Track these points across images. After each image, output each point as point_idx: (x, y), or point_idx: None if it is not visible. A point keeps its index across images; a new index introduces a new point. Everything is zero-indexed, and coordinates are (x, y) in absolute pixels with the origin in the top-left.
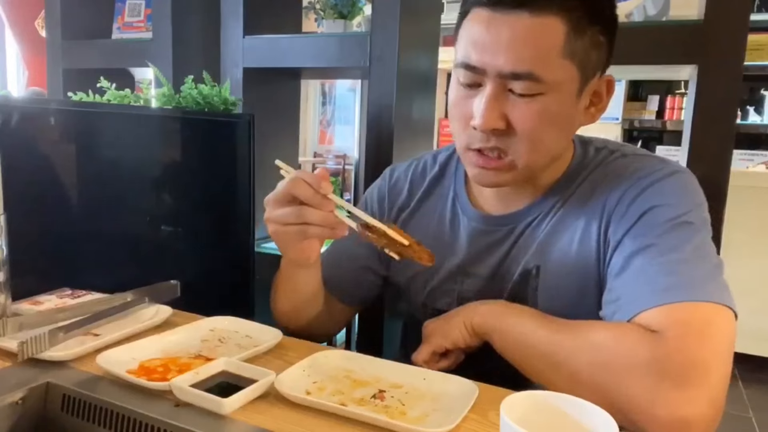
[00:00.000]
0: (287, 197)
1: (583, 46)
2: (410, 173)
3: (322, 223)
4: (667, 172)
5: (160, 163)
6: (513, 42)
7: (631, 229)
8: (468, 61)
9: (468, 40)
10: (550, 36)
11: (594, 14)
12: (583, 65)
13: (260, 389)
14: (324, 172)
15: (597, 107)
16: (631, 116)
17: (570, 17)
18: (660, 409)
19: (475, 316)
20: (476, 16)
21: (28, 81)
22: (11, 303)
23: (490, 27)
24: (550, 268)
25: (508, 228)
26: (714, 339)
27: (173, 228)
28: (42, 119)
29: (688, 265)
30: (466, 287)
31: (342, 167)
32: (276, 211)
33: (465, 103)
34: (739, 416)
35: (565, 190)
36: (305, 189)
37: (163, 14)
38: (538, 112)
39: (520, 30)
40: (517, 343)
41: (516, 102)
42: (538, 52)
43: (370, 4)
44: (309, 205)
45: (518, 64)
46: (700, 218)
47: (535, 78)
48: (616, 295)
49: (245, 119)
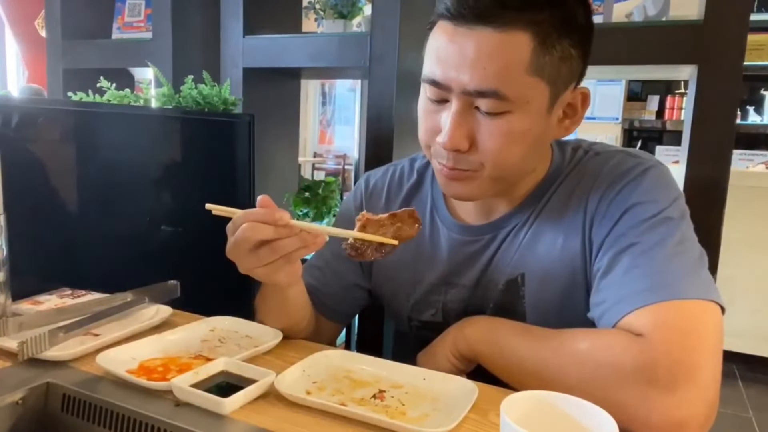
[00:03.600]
0: (252, 243)
1: (553, 60)
2: (387, 181)
3: (302, 245)
4: (642, 168)
5: (160, 163)
6: (477, 59)
7: (613, 229)
8: (433, 77)
9: (433, 54)
10: (516, 52)
11: (564, 26)
12: (552, 80)
13: (260, 389)
14: (266, 201)
15: (572, 119)
16: (631, 116)
17: (537, 31)
18: (654, 415)
19: (461, 342)
20: (441, 29)
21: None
22: (11, 303)
23: (454, 42)
24: (536, 274)
25: (488, 237)
26: (701, 337)
27: (173, 228)
28: (42, 119)
29: (671, 263)
30: (450, 297)
31: (342, 167)
32: (248, 258)
33: (432, 117)
34: (739, 416)
35: (544, 196)
36: (265, 230)
37: (163, 14)
38: (505, 130)
39: (484, 46)
40: (505, 365)
41: (482, 120)
42: (503, 70)
43: (370, 4)
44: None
45: (482, 82)
46: (679, 211)
47: (501, 96)
48: (601, 297)
49: (245, 119)
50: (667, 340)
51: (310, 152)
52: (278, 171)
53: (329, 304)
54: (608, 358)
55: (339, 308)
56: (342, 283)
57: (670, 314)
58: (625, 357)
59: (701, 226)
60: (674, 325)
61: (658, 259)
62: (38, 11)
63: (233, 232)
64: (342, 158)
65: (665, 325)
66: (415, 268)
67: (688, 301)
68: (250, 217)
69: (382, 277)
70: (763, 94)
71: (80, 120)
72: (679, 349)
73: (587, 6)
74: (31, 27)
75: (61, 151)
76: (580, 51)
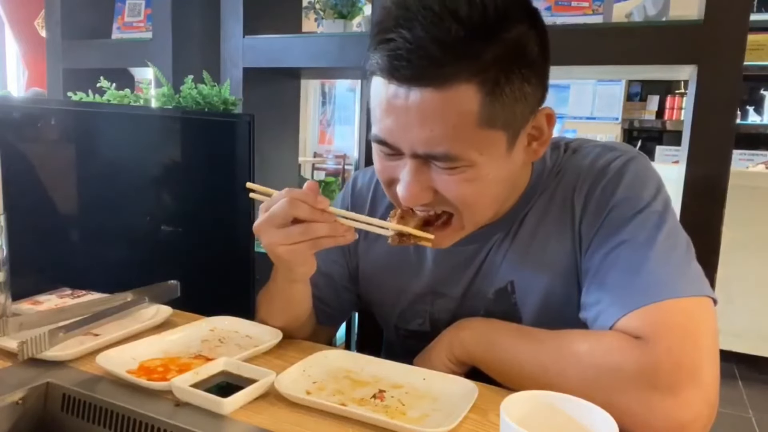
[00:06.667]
0: (287, 219)
1: (505, 105)
2: (372, 186)
3: (332, 233)
4: (622, 161)
5: (160, 163)
6: (422, 121)
7: (600, 227)
8: (383, 138)
9: (377, 111)
10: (463, 108)
11: (512, 65)
12: (508, 124)
13: (260, 389)
14: (314, 185)
15: (539, 141)
16: (631, 116)
17: (484, 80)
18: (657, 419)
19: (456, 346)
20: (380, 84)
21: (28, 81)
22: (11, 303)
23: (396, 102)
24: (527, 280)
25: (473, 247)
26: (700, 337)
27: (173, 228)
28: (42, 119)
29: (662, 260)
30: (438, 308)
31: (342, 167)
32: (278, 234)
33: (388, 168)
34: (739, 416)
35: (528, 203)
36: (303, 208)
37: (163, 14)
38: (465, 182)
39: (428, 107)
40: (503, 369)
41: (439, 174)
42: (452, 130)
43: (370, 4)
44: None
45: (431, 145)
46: (663, 202)
47: (453, 158)
48: (595, 299)
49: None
50: (667, 342)
51: (310, 152)
52: (278, 171)
53: (320, 307)
54: (609, 363)
55: (329, 311)
56: (332, 285)
57: (666, 315)
58: (626, 361)
59: (701, 226)
60: (672, 327)
61: (649, 258)
62: (38, 11)
63: (268, 207)
64: (342, 158)
65: (664, 326)
66: (401, 278)
67: (683, 300)
68: (292, 194)
69: (368, 284)
70: (763, 94)
71: (80, 120)
72: (680, 351)
73: (538, 27)
74: (31, 27)
75: (61, 151)
76: (536, 82)
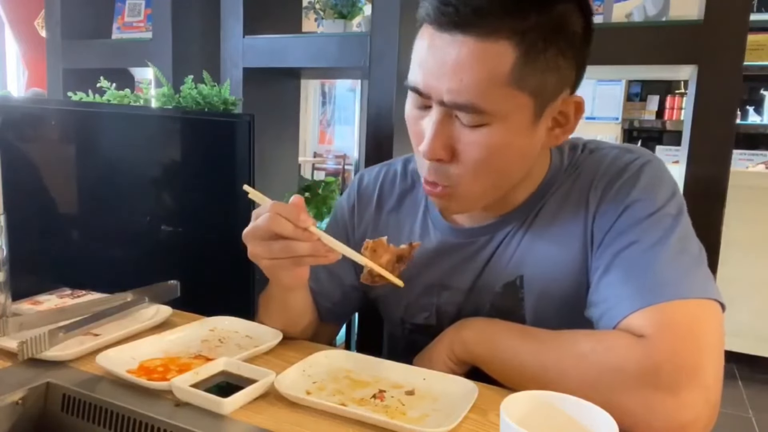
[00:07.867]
0: (268, 234)
1: (537, 71)
2: (379, 182)
3: (313, 253)
4: (639, 164)
5: (160, 164)
6: (455, 68)
7: (612, 227)
8: (414, 84)
9: (416, 59)
10: (496, 63)
11: (553, 34)
12: (537, 92)
13: (260, 389)
14: (299, 201)
15: (563, 128)
16: (631, 116)
17: (522, 40)
18: (658, 419)
19: (457, 345)
20: (424, 32)
21: (28, 81)
22: (11, 303)
23: (435, 48)
24: (535, 276)
25: (483, 240)
26: (703, 338)
27: (173, 228)
28: (42, 119)
29: (671, 262)
30: (445, 300)
31: (342, 167)
32: (260, 246)
33: (417, 123)
34: (739, 416)
35: (542, 198)
36: (285, 226)
37: (163, 14)
38: (484, 143)
39: (464, 56)
40: (504, 369)
41: (462, 131)
42: (482, 82)
43: (370, 4)
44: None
45: (458, 94)
46: (677, 207)
47: (477, 109)
48: (602, 297)
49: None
50: (670, 342)
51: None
52: (278, 171)
53: (327, 306)
54: (611, 362)
55: (336, 310)
56: (340, 286)
57: (671, 315)
58: (628, 361)
59: (701, 226)
60: (676, 327)
61: (658, 259)
62: (38, 11)
63: (257, 217)
64: (342, 158)
65: (668, 326)
66: (408, 270)
67: (689, 301)
68: (276, 209)
69: None
70: (763, 94)
71: (80, 120)
72: (682, 352)
73: (585, 10)
74: (31, 27)
75: (61, 151)
76: (571, 59)
